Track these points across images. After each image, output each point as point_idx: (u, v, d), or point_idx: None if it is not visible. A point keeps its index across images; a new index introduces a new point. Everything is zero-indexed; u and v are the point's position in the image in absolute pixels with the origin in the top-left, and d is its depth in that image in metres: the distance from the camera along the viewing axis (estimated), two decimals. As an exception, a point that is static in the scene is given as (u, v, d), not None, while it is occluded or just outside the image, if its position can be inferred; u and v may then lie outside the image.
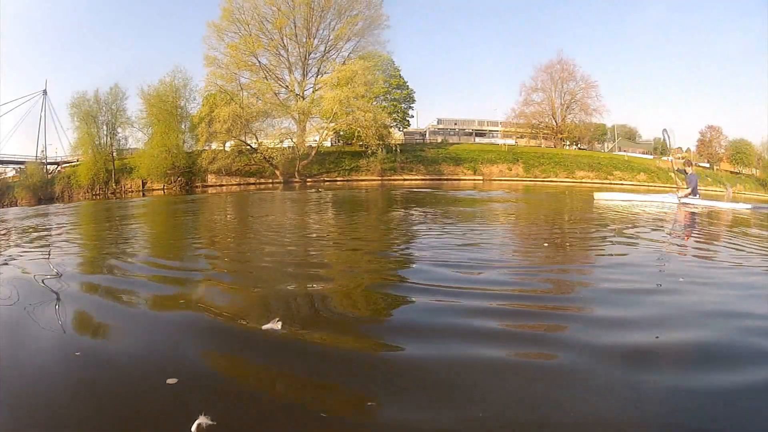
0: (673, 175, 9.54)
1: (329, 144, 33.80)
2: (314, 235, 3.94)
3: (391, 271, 2.21)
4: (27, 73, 68.29)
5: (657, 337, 1.35)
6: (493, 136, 40.10)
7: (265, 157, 29.46)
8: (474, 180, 30.30)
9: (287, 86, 31.87)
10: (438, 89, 69.01)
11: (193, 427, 0.89)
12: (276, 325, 1.36)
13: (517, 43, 63.66)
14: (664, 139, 9.38)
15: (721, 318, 1.54)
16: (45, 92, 34.45)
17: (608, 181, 29.94)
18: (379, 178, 30.06)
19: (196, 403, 0.99)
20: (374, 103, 31.06)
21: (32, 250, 3.45)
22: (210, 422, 0.91)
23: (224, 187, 27.36)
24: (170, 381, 1.07)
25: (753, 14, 48.58)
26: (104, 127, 29.70)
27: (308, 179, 29.57)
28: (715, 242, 3.81)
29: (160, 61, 67.56)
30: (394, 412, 0.98)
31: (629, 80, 64.74)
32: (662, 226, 4.89)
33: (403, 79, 36.04)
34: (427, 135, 39.39)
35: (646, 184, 29.99)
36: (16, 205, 23.52)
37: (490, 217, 5.38)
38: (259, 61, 30.86)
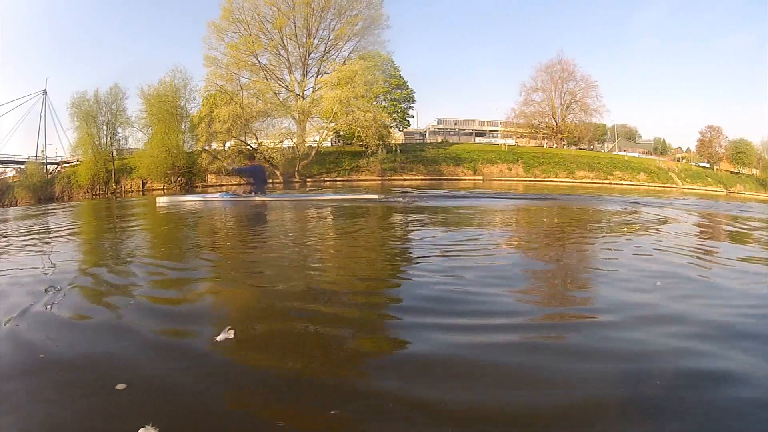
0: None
1: (329, 144, 33.80)
2: (309, 237, 3.91)
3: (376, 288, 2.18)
4: (27, 73, 68.74)
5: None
6: (493, 136, 40.07)
7: (265, 157, 29.43)
8: (474, 180, 30.24)
9: (287, 86, 31.87)
10: (438, 89, 69.34)
11: None
12: (228, 334, 1.35)
13: (518, 43, 63.89)
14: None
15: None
16: (45, 92, 34.66)
17: (608, 181, 29.88)
18: (379, 178, 30.04)
19: (144, 409, 0.98)
20: (374, 103, 31.02)
21: (18, 250, 3.44)
22: (155, 432, 0.89)
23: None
24: (119, 387, 1.06)
25: (753, 15, 48.64)
26: (104, 127, 29.75)
27: (308, 179, 29.56)
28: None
29: (161, 60, 67.99)
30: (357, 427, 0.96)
31: (629, 80, 64.87)
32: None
33: (403, 79, 36.06)
34: (427, 135, 39.39)
35: (646, 184, 29.92)
36: (16, 205, 23.59)
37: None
38: (259, 61, 30.86)
